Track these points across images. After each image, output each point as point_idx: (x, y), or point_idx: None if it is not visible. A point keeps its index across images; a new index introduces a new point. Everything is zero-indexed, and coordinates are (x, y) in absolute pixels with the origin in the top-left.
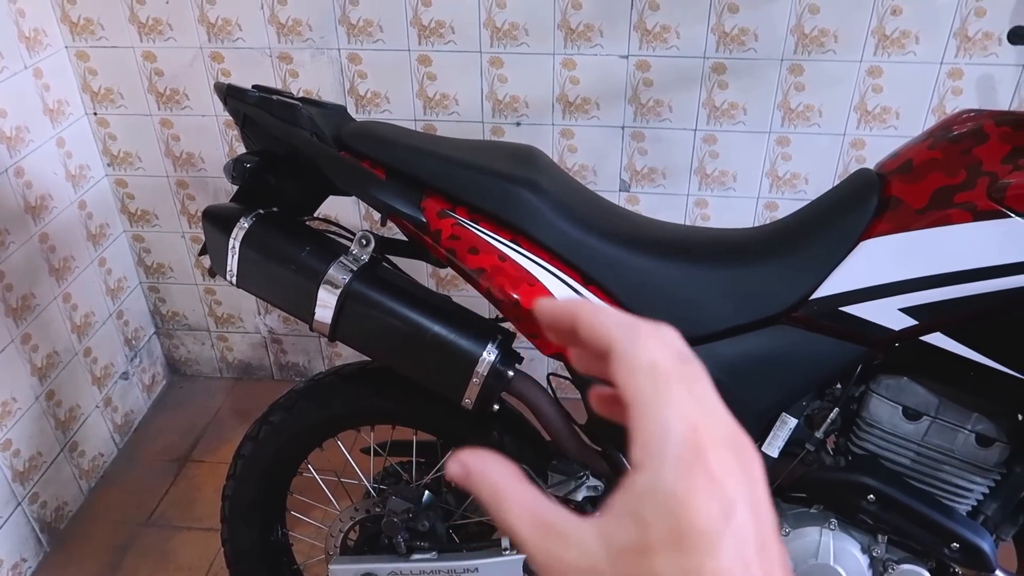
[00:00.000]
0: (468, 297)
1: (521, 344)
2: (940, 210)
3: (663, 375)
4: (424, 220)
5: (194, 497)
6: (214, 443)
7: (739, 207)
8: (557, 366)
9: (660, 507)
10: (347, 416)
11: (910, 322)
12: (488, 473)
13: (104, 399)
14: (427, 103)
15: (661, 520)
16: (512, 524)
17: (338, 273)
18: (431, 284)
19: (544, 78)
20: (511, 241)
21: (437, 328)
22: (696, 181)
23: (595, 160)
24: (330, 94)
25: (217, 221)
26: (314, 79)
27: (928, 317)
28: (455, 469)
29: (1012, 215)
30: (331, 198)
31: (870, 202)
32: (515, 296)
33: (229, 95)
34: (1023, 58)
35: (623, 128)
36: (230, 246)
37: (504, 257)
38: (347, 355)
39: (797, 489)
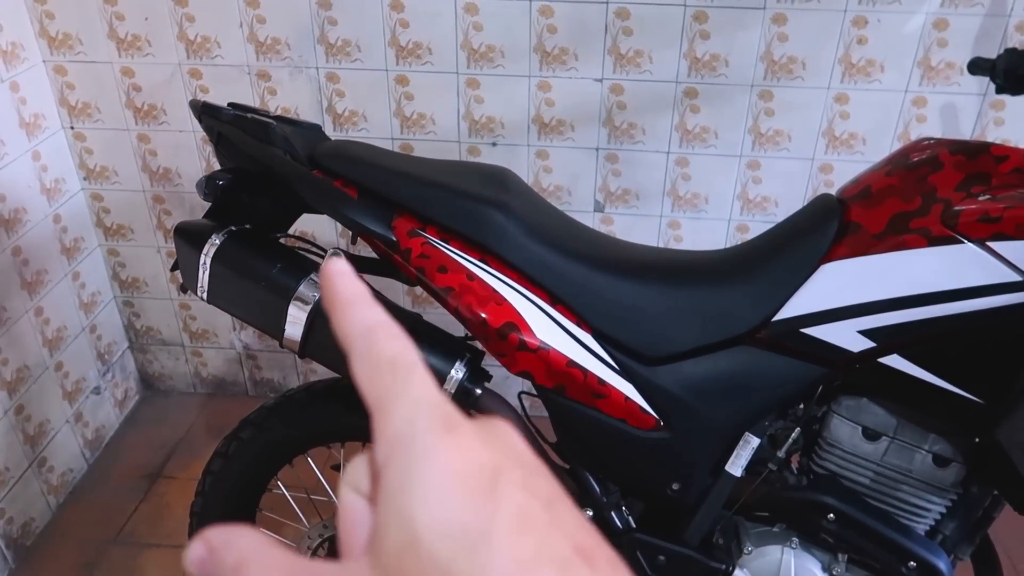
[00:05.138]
0: (443, 315)
1: (492, 363)
2: (896, 235)
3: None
4: (394, 239)
5: (164, 514)
6: (186, 459)
7: (711, 229)
8: (528, 385)
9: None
10: (317, 433)
11: (868, 344)
12: (232, 545)
13: (75, 414)
14: (404, 122)
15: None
16: None
17: (308, 290)
18: (407, 302)
19: (520, 100)
20: (480, 261)
21: None
22: (669, 203)
23: (570, 181)
24: (308, 112)
25: (189, 237)
26: (292, 97)
27: (885, 339)
28: (194, 554)
29: (964, 241)
30: (308, 216)
31: (830, 226)
32: (483, 315)
33: (204, 112)
34: (984, 87)
35: (597, 150)
36: (201, 262)
37: (473, 276)
38: (322, 372)
39: (760, 508)
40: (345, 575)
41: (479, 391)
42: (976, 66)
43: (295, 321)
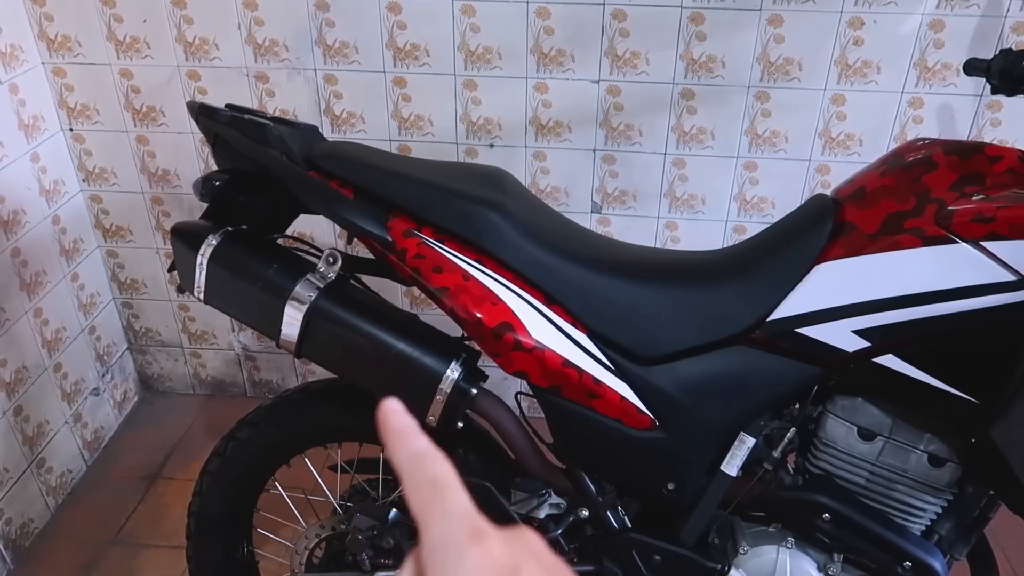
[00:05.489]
0: (441, 316)
1: (489, 364)
2: (890, 235)
3: None
4: (390, 239)
5: (162, 515)
6: (185, 460)
7: (708, 230)
8: (526, 385)
9: None
10: (314, 433)
11: (863, 344)
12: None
13: (74, 415)
14: (402, 124)
15: None
16: None
17: (304, 290)
18: (405, 303)
19: (517, 101)
20: (476, 261)
21: (401, 346)
22: (666, 204)
23: (567, 182)
24: (306, 114)
25: (185, 238)
26: (290, 99)
27: (880, 339)
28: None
29: (958, 241)
30: (307, 216)
31: (825, 227)
32: (478, 315)
33: (201, 114)
34: (981, 89)
35: (595, 151)
36: (198, 263)
37: (468, 276)
38: (320, 372)
39: (756, 508)
40: None
41: (475, 391)
42: (972, 67)
43: (291, 321)
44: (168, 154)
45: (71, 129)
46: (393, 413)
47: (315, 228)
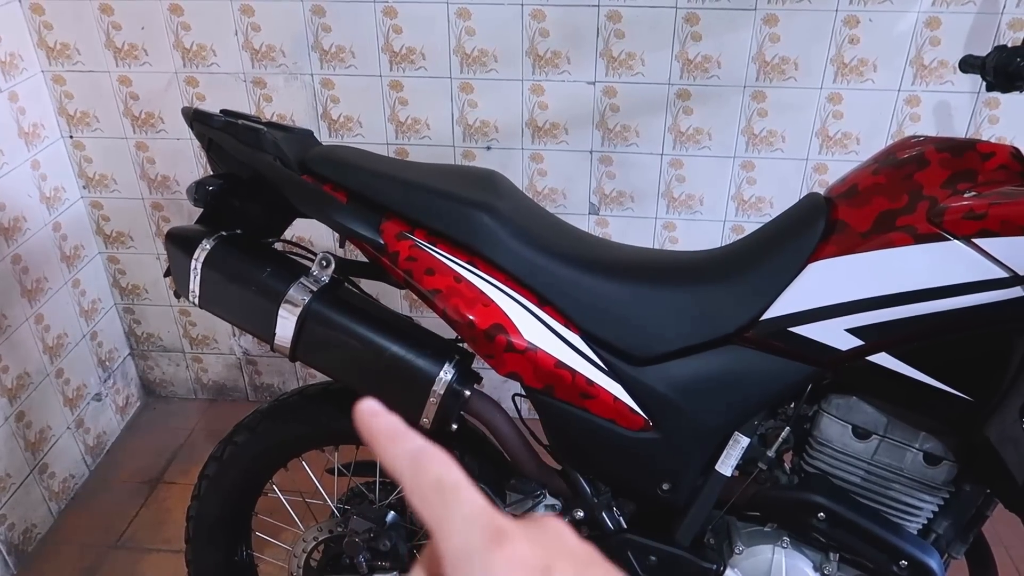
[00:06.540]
0: (437, 318)
1: (483, 365)
2: (883, 233)
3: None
4: (382, 242)
5: (164, 519)
6: (187, 465)
7: (706, 230)
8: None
9: None
10: (311, 436)
11: (856, 342)
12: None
13: (76, 420)
14: (399, 127)
15: None
16: None
17: (298, 294)
18: (404, 305)
19: (513, 103)
20: (467, 263)
21: (395, 348)
22: (664, 204)
23: (564, 184)
24: (303, 118)
25: (180, 243)
26: (288, 103)
27: (873, 337)
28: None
29: (950, 238)
30: (306, 220)
31: (818, 225)
32: (470, 317)
33: (195, 119)
34: (978, 86)
35: (591, 152)
36: (192, 267)
37: (460, 278)
38: (320, 376)
39: (751, 507)
40: None
41: (468, 393)
42: (967, 64)
43: (285, 324)
44: (167, 160)
45: (71, 136)
46: (373, 415)
47: (313, 232)
